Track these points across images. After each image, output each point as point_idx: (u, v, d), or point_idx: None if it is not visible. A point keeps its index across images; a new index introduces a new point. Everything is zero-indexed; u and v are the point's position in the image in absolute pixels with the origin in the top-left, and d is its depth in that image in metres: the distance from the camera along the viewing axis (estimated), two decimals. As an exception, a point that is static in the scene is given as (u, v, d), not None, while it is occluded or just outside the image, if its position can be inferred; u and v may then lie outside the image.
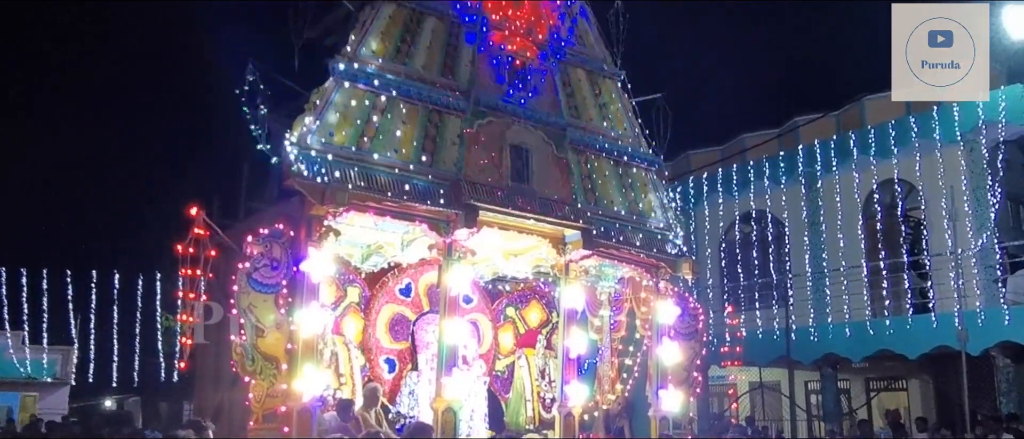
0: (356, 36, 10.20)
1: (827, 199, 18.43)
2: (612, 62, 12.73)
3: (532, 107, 11.37)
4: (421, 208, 9.89)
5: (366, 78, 10.03)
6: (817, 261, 18.31)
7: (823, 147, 18.42)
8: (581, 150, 11.84)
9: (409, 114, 10.31)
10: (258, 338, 8.82)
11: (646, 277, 12.19)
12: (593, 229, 11.15)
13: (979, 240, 15.74)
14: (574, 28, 12.34)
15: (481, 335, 12.86)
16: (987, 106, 15.65)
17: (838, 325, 17.34)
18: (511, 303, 13.43)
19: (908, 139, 16.82)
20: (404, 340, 12.09)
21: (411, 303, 12.24)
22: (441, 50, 10.93)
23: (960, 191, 15.84)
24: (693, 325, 12.72)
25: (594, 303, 13.13)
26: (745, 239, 20.50)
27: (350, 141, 9.68)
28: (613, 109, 12.58)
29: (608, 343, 13.21)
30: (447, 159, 10.41)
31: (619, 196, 12.09)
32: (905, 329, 16.26)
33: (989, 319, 15.04)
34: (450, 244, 10.08)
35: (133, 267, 23.73)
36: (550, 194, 11.12)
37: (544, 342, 13.33)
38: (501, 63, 11.27)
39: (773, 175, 19.42)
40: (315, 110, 9.54)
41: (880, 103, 18.32)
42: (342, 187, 9.22)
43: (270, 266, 8.92)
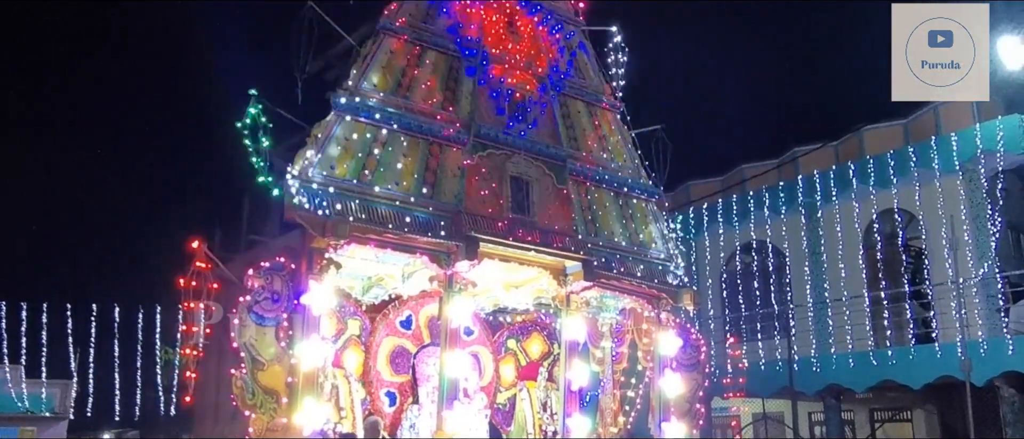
0: (358, 70, 10.31)
1: (828, 229, 18.43)
2: (611, 94, 12.83)
3: (532, 139, 11.44)
4: (422, 240, 9.91)
5: (367, 111, 10.11)
6: (818, 291, 18.27)
7: (823, 177, 18.47)
8: (581, 181, 11.89)
9: (410, 147, 10.38)
10: (258, 371, 8.80)
11: (647, 308, 12.16)
12: (594, 260, 11.15)
13: (980, 270, 15.71)
14: (573, 61, 12.48)
15: (482, 367, 12.80)
16: (985, 136, 15.73)
17: (841, 355, 17.25)
18: (512, 335, 13.38)
19: (907, 169, 16.87)
20: (405, 373, 12.03)
21: (412, 335, 12.20)
22: (442, 83, 11.04)
23: (960, 220, 15.85)
24: (695, 356, 12.66)
25: (596, 335, 13.08)
26: (746, 269, 20.46)
27: (351, 174, 9.73)
28: (613, 140, 12.67)
29: (610, 375, 13.14)
30: (448, 191, 10.45)
31: (620, 227, 12.11)
32: (908, 359, 16.18)
33: (992, 349, 14.97)
34: (451, 276, 10.08)
35: (132, 300, 23.70)
36: (551, 225, 11.14)
37: (546, 374, 13.25)
38: (501, 96, 11.38)
39: (773, 205, 19.44)
40: (316, 143, 9.61)
41: (878, 133, 18.43)
42: (343, 220, 9.25)
43: (271, 299, 8.92)
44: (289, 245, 9.46)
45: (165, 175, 44.06)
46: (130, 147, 39.74)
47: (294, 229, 9.35)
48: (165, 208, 39.01)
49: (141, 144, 42.52)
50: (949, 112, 17.10)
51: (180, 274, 9.21)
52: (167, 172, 45.49)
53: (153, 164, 44.16)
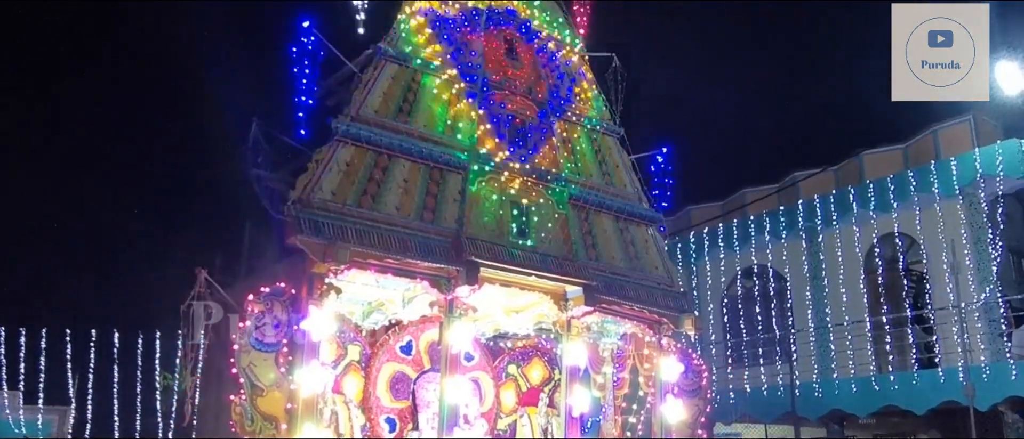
0: (359, 96, 10.37)
1: (828, 253, 18.41)
2: (611, 119, 12.89)
3: (532, 164, 11.48)
4: (422, 265, 9.91)
5: (368, 137, 10.15)
6: (820, 315, 18.22)
7: (823, 202, 18.48)
8: (581, 206, 11.91)
9: (411, 172, 10.41)
10: (257, 397, 8.76)
11: (648, 333, 12.13)
12: (595, 284, 11.13)
13: (982, 294, 15.68)
14: (573, 87, 12.55)
15: (483, 393, 12.73)
16: (984, 160, 15.77)
17: (843, 380, 17.16)
18: (513, 360, 13.32)
19: (907, 193, 16.89)
20: (405, 399, 11.96)
21: (412, 361, 12.14)
22: (442, 109, 11.08)
23: (961, 244, 15.85)
24: (697, 382, 12.60)
25: (597, 360, 13.03)
26: (747, 294, 20.41)
27: (352, 199, 9.75)
28: (613, 165, 12.70)
29: (611, 401, 13.06)
30: (448, 216, 10.46)
31: (620, 252, 12.10)
32: (911, 384, 16.09)
33: (995, 374, 14.89)
34: (451, 301, 10.07)
35: (131, 325, 23.59)
36: (551, 250, 11.14)
37: (547, 400, 13.17)
38: (501, 121, 11.43)
39: (774, 230, 19.44)
40: (318, 169, 9.63)
41: (877, 157, 18.48)
42: (344, 245, 9.25)
43: (271, 325, 8.90)
44: (289, 270, 9.45)
45: (165, 200, 44.14)
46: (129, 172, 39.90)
47: (295, 254, 9.35)
48: (165, 233, 38.97)
49: (141, 169, 42.69)
50: (948, 136, 17.17)
51: (180, 299, 9.20)
52: (167, 197, 45.55)
53: (153, 189, 44.25)
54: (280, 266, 10.05)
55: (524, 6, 12.59)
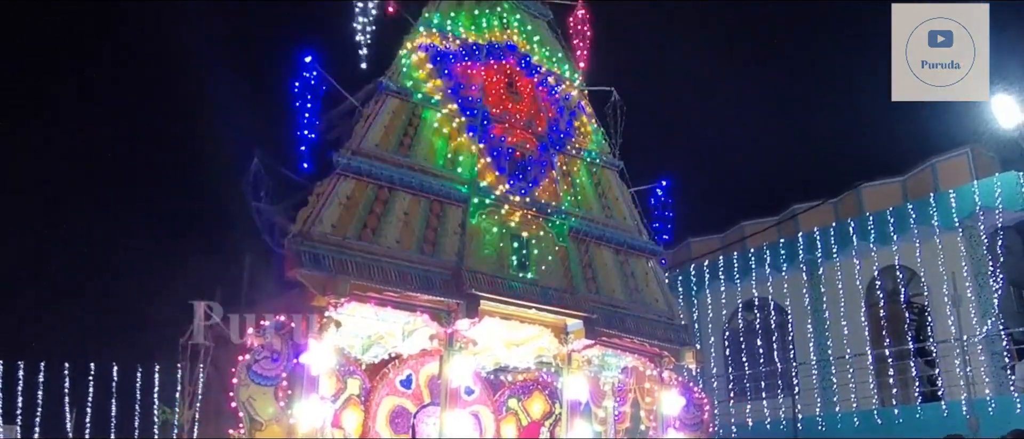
0: (360, 130, 10.44)
1: (829, 286, 18.38)
2: (611, 152, 12.96)
3: (532, 197, 11.51)
4: (422, 298, 9.90)
5: (369, 170, 10.19)
6: (822, 348, 18.14)
7: (822, 234, 18.49)
8: (581, 239, 11.92)
9: (411, 205, 10.44)
10: (256, 431, 8.71)
11: (649, 366, 12.07)
12: (595, 317, 11.10)
13: (984, 326, 15.63)
14: (573, 121, 12.64)
15: (483, 428, 12.63)
16: (983, 193, 15.81)
17: (846, 414, 17.04)
18: (513, 394, 13.23)
19: (907, 226, 16.91)
20: (404, 433, 11.86)
21: (412, 395, 12.07)
22: (443, 143, 11.15)
23: (962, 277, 15.83)
24: (698, 416, 12.52)
25: (598, 394, 12.95)
26: (748, 327, 20.34)
27: (352, 232, 9.77)
28: (612, 198, 12.74)
29: (613, 435, 12.96)
30: (448, 249, 10.47)
31: (620, 284, 12.09)
32: (915, 418, 15.96)
33: (1000, 407, 14.78)
34: (451, 334, 10.05)
35: (130, 359, 23.46)
36: (551, 283, 11.14)
37: (547, 434, 13.06)
38: (501, 154, 11.49)
39: (774, 262, 19.43)
40: (318, 202, 9.67)
41: (876, 190, 18.52)
42: (344, 278, 9.25)
43: (270, 358, 8.87)
44: (289, 303, 9.44)
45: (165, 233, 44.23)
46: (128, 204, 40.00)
47: (294, 287, 9.35)
48: (165, 266, 38.95)
49: (140, 201, 42.81)
50: (946, 169, 17.23)
51: (179, 332, 9.18)
52: (167, 230, 45.59)
53: (153, 221, 44.30)
54: (280, 299, 10.04)
55: (524, 41, 12.73)
